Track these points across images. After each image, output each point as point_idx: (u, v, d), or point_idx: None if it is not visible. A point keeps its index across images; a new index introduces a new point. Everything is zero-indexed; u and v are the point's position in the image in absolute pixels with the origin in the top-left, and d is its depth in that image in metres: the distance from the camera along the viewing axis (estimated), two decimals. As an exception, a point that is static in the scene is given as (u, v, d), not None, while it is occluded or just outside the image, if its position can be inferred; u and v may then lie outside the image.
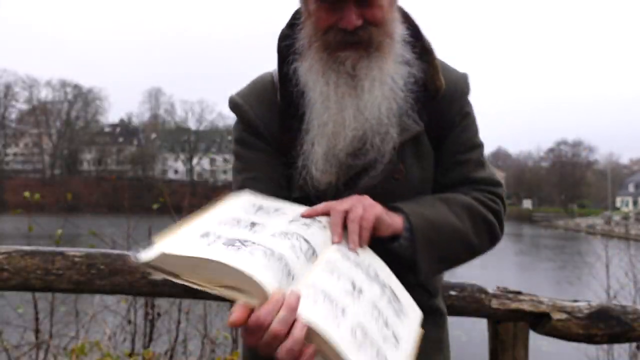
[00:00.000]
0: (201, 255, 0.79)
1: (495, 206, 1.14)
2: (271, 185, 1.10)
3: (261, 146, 1.13)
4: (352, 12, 0.97)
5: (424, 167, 1.12)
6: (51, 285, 1.69)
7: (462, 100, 1.16)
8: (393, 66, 1.03)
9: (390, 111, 1.02)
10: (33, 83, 77.60)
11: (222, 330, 3.60)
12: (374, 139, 1.02)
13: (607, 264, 4.20)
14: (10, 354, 2.97)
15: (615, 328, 1.85)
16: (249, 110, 1.13)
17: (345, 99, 1.02)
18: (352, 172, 1.05)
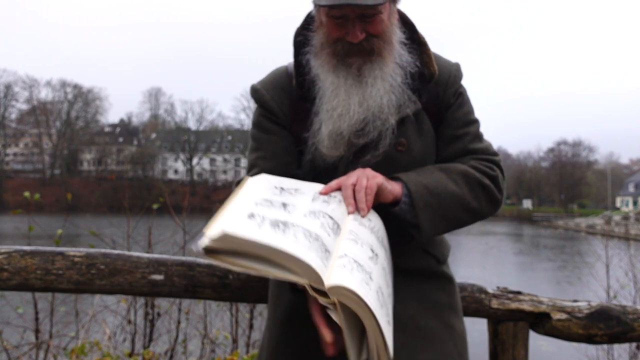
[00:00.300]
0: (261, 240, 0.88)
1: (491, 172, 1.27)
2: (280, 162, 1.28)
3: (274, 129, 1.29)
4: (356, 28, 1.14)
5: (425, 142, 1.28)
6: (51, 285, 1.69)
7: (455, 84, 1.31)
8: (392, 66, 1.20)
9: (390, 102, 1.19)
10: (33, 83, 77.70)
11: (222, 330, 3.60)
12: (375, 122, 1.19)
13: (607, 263, 4.20)
14: (10, 354, 2.97)
15: (615, 328, 1.85)
16: (266, 95, 1.31)
17: (352, 89, 1.19)
18: (355, 148, 1.21)
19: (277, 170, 1.24)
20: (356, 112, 1.19)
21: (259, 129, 1.33)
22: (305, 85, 1.25)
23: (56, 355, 3.08)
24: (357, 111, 1.19)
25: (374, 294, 0.91)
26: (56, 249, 1.74)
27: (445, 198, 1.19)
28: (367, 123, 1.20)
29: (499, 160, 1.31)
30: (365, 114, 1.19)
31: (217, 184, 76.21)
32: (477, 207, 1.25)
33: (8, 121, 77.05)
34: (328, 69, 1.21)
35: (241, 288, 1.77)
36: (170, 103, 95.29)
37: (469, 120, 1.32)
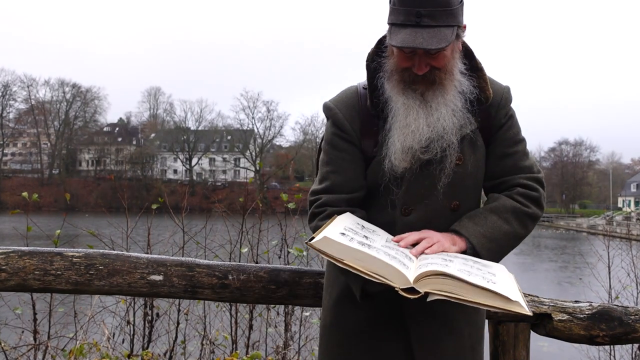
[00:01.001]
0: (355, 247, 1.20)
1: (535, 194, 1.46)
2: (348, 176, 1.46)
3: (345, 146, 1.47)
4: (422, 62, 1.32)
5: (478, 158, 1.46)
6: (49, 285, 1.68)
7: (506, 106, 1.49)
8: (453, 93, 1.38)
9: (453, 124, 1.37)
10: (31, 82, 77.52)
11: (222, 331, 3.59)
12: (439, 141, 1.37)
13: (608, 264, 4.19)
14: (8, 355, 2.95)
15: (617, 329, 1.84)
16: (339, 113, 1.47)
17: (421, 111, 1.36)
18: (420, 162, 1.39)
19: (346, 182, 1.46)
20: (424, 131, 1.36)
21: (331, 145, 1.49)
22: (379, 105, 1.42)
23: (54, 356, 3.07)
24: (425, 130, 1.36)
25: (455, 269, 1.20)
26: (55, 249, 1.73)
27: (501, 240, 1.41)
28: (432, 141, 1.37)
29: (542, 177, 1.50)
30: (431, 134, 1.36)
31: (216, 184, 76.20)
32: (525, 233, 1.47)
33: (6, 121, 76.96)
34: (398, 91, 1.38)
35: (241, 289, 1.77)
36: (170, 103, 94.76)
37: (518, 140, 1.49)
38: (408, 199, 1.42)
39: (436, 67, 1.34)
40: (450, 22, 1.29)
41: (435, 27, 1.27)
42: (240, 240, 3.74)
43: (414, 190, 1.41)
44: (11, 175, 75.06)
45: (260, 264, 2.32)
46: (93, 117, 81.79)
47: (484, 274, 1.22)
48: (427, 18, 1.26)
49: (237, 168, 78.63)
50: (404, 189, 1.41)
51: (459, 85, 1.38)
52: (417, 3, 1.27)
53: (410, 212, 1.42)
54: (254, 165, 74.31)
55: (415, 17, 1.27)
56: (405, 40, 1.26)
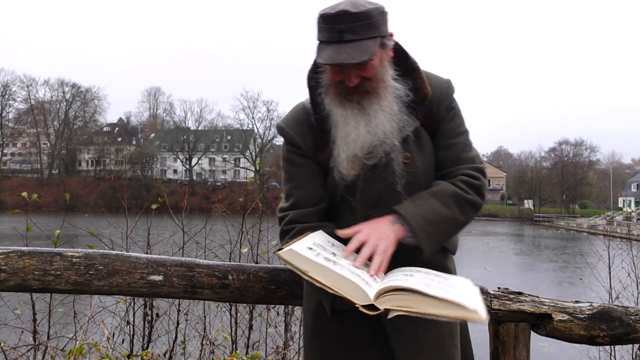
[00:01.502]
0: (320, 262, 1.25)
1: (476, 182, 1.48)
2: (310, 189, 1.52)
3: (301, 161, 1.53)
4: (351, 74, 1.37)
5: (425, 153, 1.50)
6: (49, 285, 1.68)
7: (447, 100, 1.52)
8: (389, 99, 1.42)
9: (392, 128, 1.42)
10: (31, 82, 77.54)
11: (222, 331, 3.59)
12: (382, 146, 1.42)
13: (609, 264, 4.19)
14: (8, 356, 2.95)
15: (617, 329, 1.84)
16: (290, 132, 1.54)
17: (359, 119, 1.41)
18: (368, 167, 1.44)
19: (309, 196, 1.51)
20: (365, 138, 1.41)
21: (288, 162, 1.56)
22: (322, 120, 1.48)
23: (54, 356, 3.06)
24: (366, 137, 1.41)
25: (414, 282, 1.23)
26: (54, 249, 1.73)
27: (440, 223, 1.42)
28: (374, 147, 1.42)
29: (483, 167, 1.53)
30: (372, 139, 1.41)
31: (216, 183, 76.16)
32: (465, 220, 1.48)
33: (6, 120, 76.92)
34: (336, 104, 1.43)
35: (241, 289, 1.76)
36: (169, 102, 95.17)
37: (460, 131, 1.53)
38: (365, 204, 1.47)
39: (366, 77, 1.39)
40: (372, 34, 1.34)
41: (357, 40, 1.32)
42: (240, 240, 3.73)
43: (368, 195, 1.46)
44: (11, 175, 75.03)
45: (260, 264, 2.31)
46: (93, 117, 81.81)
47: (443, 287, 1.24)
48: (348, 33, 1.32)
49: (237, 168, 78.61)
50: (359, 196, 1.47)
51: (394, 91, 1.43)
52: (338, 20, 1.32)
53: (370, 216, 1.46)
54: (254, 165, 74.29)
55: (338, 34, 1.33)
56: (330, 57, 1.32)
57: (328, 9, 1.36)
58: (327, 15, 1.34)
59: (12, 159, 78.80)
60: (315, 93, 1.49)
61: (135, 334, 3.42)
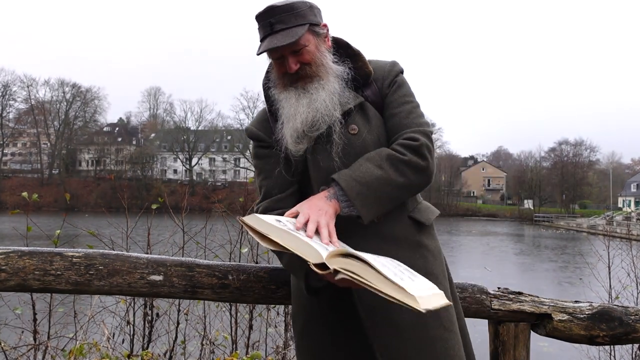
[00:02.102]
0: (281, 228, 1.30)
1: (413, 143, 1.50)
2: (276, 179, 1.59)
3: (265, 153, 1.62)
4: (290, 61, 1.50)
5: (373, 126, 1.57)
6: (49, 285, 1.68)
7: (390, 77, 1.61)
8: (330, 78, 1.53)
9: (332, 102, 1.51)
10: (31, 82, 77.54)
11: (222, 331, 3.59)
12: (323, 118, 1.50)
13: (609, 264, 4.19)
14: (8, 356, 2.95)
15: (617, 329, 1.84)
16: (253, 128, 1.66)
17: (301, 97, 1.51)
18: (313, 140, 1.53)
19: (276, 184, 1.59)
20: (305, 112, 1.50)
21: (256, 157, 1.67)
22: (275, 112, 1.59)
23: (54, 356, 3.06)
24: (306, 111, 1.50)
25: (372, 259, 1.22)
26: (54, 249, 1.73)
27: (372, 183, 1.44)
28: (316, 120, 1.50)
29: (426, 130, 1.55)
30: (313, 114, 1.50)
31: (216, 183, 76.14)
32: (405, 181, 1.48)
33: (6, 121, 76.90)
34: (281, 91, 1.55)
35: (241, 289, 1.76)
36: (170, 103, 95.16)
37: (404, 101, 1.59)
38: (318, 178, 1.53)
39: (305, 63, 1.50)
40: (300, 22, 1.47)
41: (287, 28, 1.46)
42: (240, 240, 3.73)
43: (318, 168, 1.53)
44: (11, 175, 75.03)
45: (260, 264, 2.31)
46: (93, 117, 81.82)
47: (396, 272, 1.23)
48: (278, 24, 1.46)
49: (237, 168, 78.59)
50: (311, 170, 1.54)
51: (334, 72, 1.54)
52: (267, 15, 1.47)
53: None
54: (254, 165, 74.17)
55: (269, 27, 1.47)
56: (264, 46, 1.47)
57: (261, 8, 1.50)
58: (259, 13, 1.49)
59: (13, 159, 78.79)
60: (269, 92, 1.62)
61: (136, 334, 3.42)
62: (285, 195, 1.57)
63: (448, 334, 1.47)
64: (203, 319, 3.53)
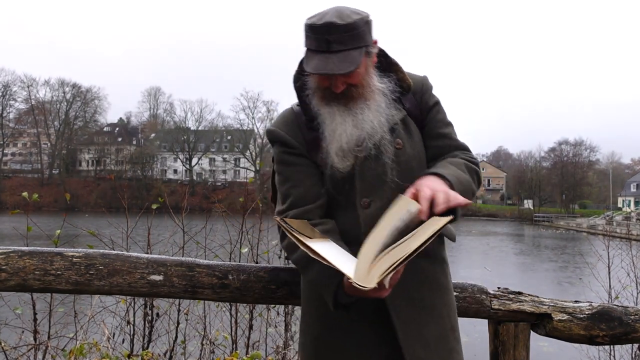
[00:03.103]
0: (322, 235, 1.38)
1: (476, 161, 1.61)
2: (307, 186, 1.55)
3: (296, 160, 1.56)
4: (338, 81, 1.44)
5: (415, 140, 1.58)
6: (50, 285, 1.68)
7: (428, 91, 1.63)
8: (375, 98, 1.50)
9: (380, 123, 1.49)
10: (31, 82, 77.52)
11: (222, 331, 3.59)
12: (370, 137, 1.49)
13: (608, 264, 4.19)
14: (8, 355, 2.95)
15: (617, 329, 1.84)
16: (281, 132, 1.58)
17: (345, 115, 1.48)
18: (361, 159, 1.51)
19: (307, 193, 1.54)
20: (350, 132, 1.47)
21: (283, 163, 1.59)
22: (311, 119, 1.54)
23: (54, 356, 3.06)
24: (352, 131, 1.47)
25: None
26: (55, 249, 1.73)
27: (466, 185, 1.47)
28: (363, 140, 1.49)
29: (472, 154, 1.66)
30: (359, 133, 1.48)
31: (216, 183, 76.13)
32: (476, 190, 1.55)
33: (6, 121, 76.89)
34: (322, 104, 1.50)
35: (241, 289, 1.77)
36: (170, 103, 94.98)
37: (448, 122, 1.65)
38: (363, 193, 1.51)
39: (352, 85, 1.46)
40: (358, 44, 1.41)
41: (344, 50, 1.39)
42: (240, 240, 3.73)
43: (365, 184, 1.51)
44: (11, 175, 75.03)
45: (260, 264, 2.32)
46: (93, 117, 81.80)
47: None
48: (335, 44, 1.39)
49: (237, 168, 78.59)
50: (357, 185, 1.51)
51: (380, 90, 1.52)
52: (325, 31, 1.38)
53: (370, 204, 1.50)
54: (254, 165, 74.29)
55: (325, 44, 1.39)
56: (318, 67, 1.39)
57: (315, 18, 1.42)
58: (315, 25, 1.39)
59: (13, 159, 78.78)
60: (303, 94, 1.56)
61: (136, 334, 3.42)
62: (314, 206, 1.52)
63: (459, 346, 1.57)
64: (203, 319, 3.53)
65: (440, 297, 1.55)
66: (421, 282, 1.52)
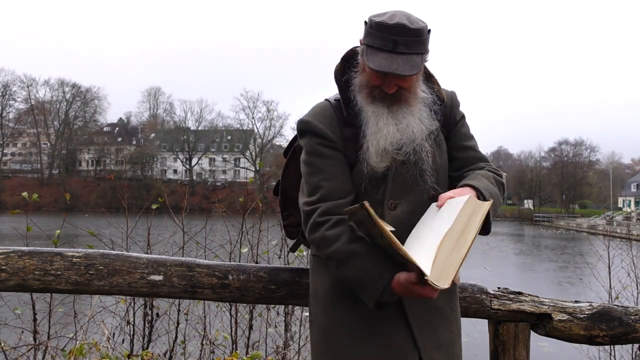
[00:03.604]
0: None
1: (501, 172, 1.66)
2: (340, 181, 1.55)
3: (331, 153, 1.57)
4: (392, 82, 1.48)
5: (442, 151, 1.64)
6: (49, 285, 1.68)
7: (457, 106, 1.70)
8: (418, 106, 1.55)
9: (420, 131, 1.54)
10: (31, 82, 77.49)
11: (222, 331, 3.59)
12: (409, 145, 1.54)
13: (609, 264, 4.19)
14: (8, 356, 2.95)
15: (617, 329, 1.84)
16: (320, 125, 1.58)
17: (389, 118, 1.52)
18: (398, 162, 1.55)
19: (339, 188, 1.55)
20: (395, 135, 1.51)
21: (316, 155, 1.58)
22: (354, 115, 1.57)
23: (54, 356, 3.06)
24: (395, 134, 1.51)
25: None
26: (54, 249, 1.73)
27: (496, 198, 1.53)
28: (404, 144, 1.53)
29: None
30: (401, 137, 1.52)
31: (216, 183, 76.15)
32: (501, 202, 1.61)
33: (6, 121, 76.89)
34: (368, 102, 1.53)
35: (241, 289, 1.76)
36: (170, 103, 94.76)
37: (471, 135, 1.72)
38: (392, 195, 1.55)
39: (403, 88, 1.50)
40: (421, 50, 1.45)
41: (409, 54, 1.43)
42: (240, 240, 3.73)
43: (396, 187, 1.55)
44: (11, 175, 75.02)
45: (260, 264, 2.31)
46: (93, 117, 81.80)
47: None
48: (402, 46, 1.42)
49: (237, 168, 78.60)
50: (389, 187, 1.55)
51: (423, 100, 1.57)
52: (394, 31, 1.41)
53: (396, 206, 1.54)
54: (254, 165, 74.28)
55: (392, 44, 1.42)
56: (382, 65, 1.42)
57: (385, 17, 1.44)
58: (385, 24, 1.42)
59: (13, 159, 78.78)
60: (346, 89, 1.58)
61: (136, 334, 3.42)
62: (346, 201, 1.52)
63: (460, 351, 1.63)
64: (203, 319, 3.53)
65: (448, 302, 1.60)
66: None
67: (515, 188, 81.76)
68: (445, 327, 1.58)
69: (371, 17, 1.47)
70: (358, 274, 1.41)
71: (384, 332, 1.52)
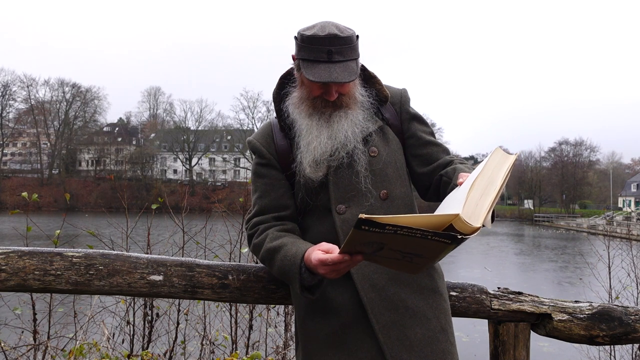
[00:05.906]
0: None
1: (466, 162, 1.67)
2: (273, 197, 1.64)
3: (265, 172, 1.66)
4: (332, 90, 1.54)
5: (393, 149, 1.66)
6: (49, 285, 1.68)
7: (407, 102, 1.74)
8: (356, 109, 1.60)
9: (354, 133, 1.58)
10: (31, 82, 77.56)
11: (222, 331, 3.59)
12: (344, 149, 1.57)
13: (609, 264, 4.20)
14: (8, 356, 2.95)
15: (617, 329, 1.84)
16: (257, 143, 1.68)
17: (322, 128, 1.57)
18: (333, 168, 1.58)
19: (271, 203, 1.63)
20: (326, 144, 1.56)
21: (255, 175, 1.69)
22: (288, 127, 1.64)
23: (54, 356, 3.06)
24: (326, 143, 1.56)
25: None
26: (54, 249, 1.73)
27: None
28: (336, 150, 1.57)
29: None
30: (333, 144, 1.56)
31: (216, 183, 76.14)
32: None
33: (6, 121, 76.89)
34: (304, 115, 1.58)
35: (241, 289, 1.76)
36: (169, 102, 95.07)
37: (430, 130, 1.76)
38: (338, 199, 1.58)
39: (343, 94, 1.56)
40: (354, 56, 1.51)
41: (345, 61, 1.48)
42: (240, 240, 3.74)
43: (339, 191, 1.58)
44: (11, 175, 75.02)
45: (260, 264, 2.31)
46: (93, 117, 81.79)
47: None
48: (337, 55, 1.47)
49: (237, 168, 78.61)
50: (332, 192, 1.58)
51: (360, 102, 1.61)
52: (328, 42, 1.46)
53: (346, 210, 1.57)
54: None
55: (327, 55, 1.47)
56: (322, 76, 1.46)
57: (317, 30, 1.48)
58: (317, 36, 1.46)
59: (12, 159, 78.78)
60: (281, 103, 1.65)
61: (135, 334, 3.42)
62: (278, 215, 1.62)
63: (453, 349, 1.57)
64: (203, 319, 3.54)
65: (424, 300, 1.56)
66: (402, 286, 1.54)
67: (515, 188, 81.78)
68: (421, 326, 1.53)
69: (301, 32, 1.51)
70: (281, 266, 1.47)
71: (349, 340, 1.52)
